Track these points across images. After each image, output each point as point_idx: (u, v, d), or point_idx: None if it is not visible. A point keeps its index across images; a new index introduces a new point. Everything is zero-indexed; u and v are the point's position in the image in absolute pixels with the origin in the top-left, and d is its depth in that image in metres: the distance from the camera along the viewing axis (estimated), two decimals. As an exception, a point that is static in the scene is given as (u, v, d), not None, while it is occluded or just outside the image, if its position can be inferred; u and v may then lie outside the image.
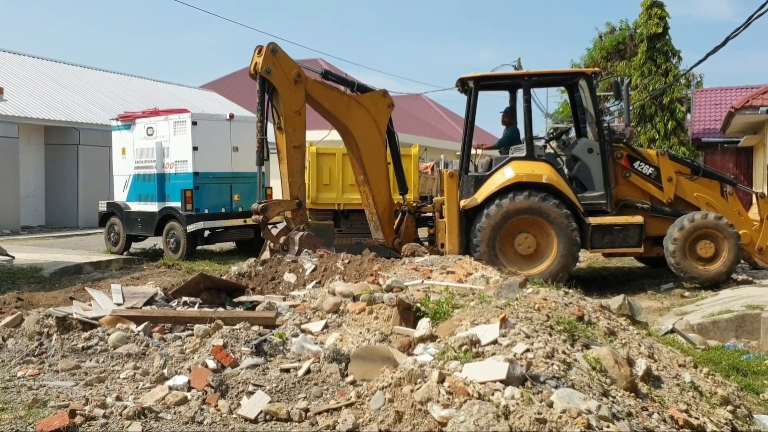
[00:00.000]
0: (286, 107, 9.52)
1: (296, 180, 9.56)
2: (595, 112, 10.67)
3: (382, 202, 10.70)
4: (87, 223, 21.15)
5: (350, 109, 10.31)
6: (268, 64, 9.49)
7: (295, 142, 9.56)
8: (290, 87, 9.60)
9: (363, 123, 10.40)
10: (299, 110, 9.64)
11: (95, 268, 12.65)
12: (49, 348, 5.51)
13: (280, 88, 9.52)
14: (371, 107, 10.47)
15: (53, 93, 24.32)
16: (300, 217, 9.50)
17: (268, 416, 3.86)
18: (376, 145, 10.56)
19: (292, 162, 9.53)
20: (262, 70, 9.45)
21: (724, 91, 29.88)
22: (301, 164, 9.72)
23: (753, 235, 10.53)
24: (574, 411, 3.14)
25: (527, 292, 5.59)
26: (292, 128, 9.53)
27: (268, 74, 9.47)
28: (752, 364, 6.17)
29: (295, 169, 9.57)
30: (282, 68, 9.61)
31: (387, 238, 10.86)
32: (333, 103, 10.23)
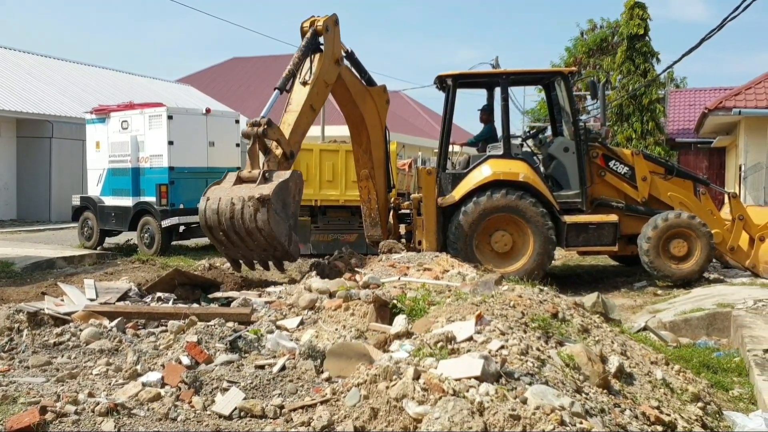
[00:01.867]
0: (321, 73, 9.15)
1: (297, 135, 8.90)
2: (572, 111, 10.75)
3: (383, 199, 10.69)
4: (60, 217, 20.86)
5: (366, 100, 10.21)
6: (329, 23, 9.24)
7: (314, 104, 9.13)
8: (331, 60, 9.35)
9: (373, 115, 10.34)
10: (329, 84, 9.39)
11: (68, 263, 12.50)
12: (20, 344, 5.43)
13: (326, 53, 9.21)
14: (378, 101, 10.44)
15: (26, 85, 23.93)
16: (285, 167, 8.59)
17: (243, 413, 3.84)
18: (380, 140, 10.53)
19: (302, 118, 8.94)
20: (322, 26, 9.15)
21: (699, 92, 30.28)
22: (307, 126, 9.18)
23: (725, 235, 10.68)
24: (547, 407, 3.17)
25: (503, 290, 5.63)
26: (317, 91, 9.15)
27: (327, 32, 9.18)
28: (722, 361, 6.27)
29: (301, 125, 8.97)
30: (336, 38, 9.42)
31: (384, 235, 10.80)
32: (357, 91, 10.04)
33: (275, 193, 7.65)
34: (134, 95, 22.66)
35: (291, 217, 7.95)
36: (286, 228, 7.77)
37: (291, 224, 7.91)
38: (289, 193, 7.92)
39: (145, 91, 29.03)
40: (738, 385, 5.67)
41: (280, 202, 7.78)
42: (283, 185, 7.80)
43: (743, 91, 17.72)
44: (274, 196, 7.64)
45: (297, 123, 8.83)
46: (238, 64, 44.69)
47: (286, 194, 7.89)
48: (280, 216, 7.73)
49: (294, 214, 8.09)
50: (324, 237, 13.55)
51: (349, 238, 13.21)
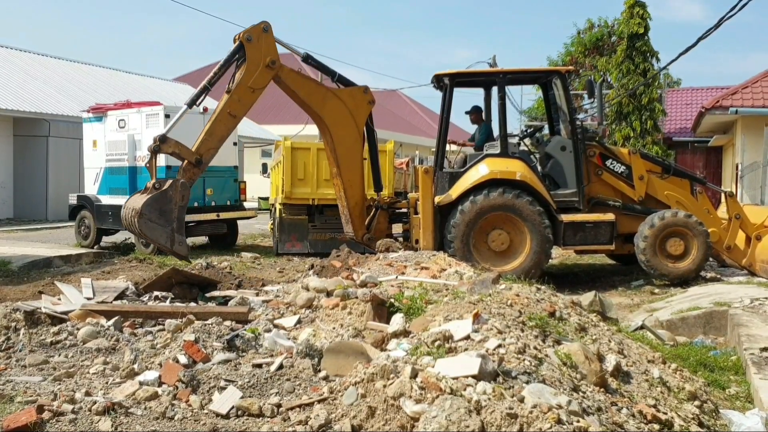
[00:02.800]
0: (244, 79, 9.59)
1: (210, 141, 9.48)
2: (569, 110, 10.76)
3: (353, 197, 10.69)
4: (57, 216, 20.82)
5: (326, 101, 10.29)
6: (251, 33, 9.59)
7: (233, 111, 9.62)
8: (259, 65, 9.66)
9: (339, 116, 10.37)
10: (255, 89, 9.71)
11: (65, 262, 12.48)
12: (17, 342, 5.43)
13: (250, 60, 9.59)
14: (349, 102, 10.44)
15: (23, 83, 23.87)
16: (190, 173, 9.32)
17: (240, 411, 3.84)
18: (351, 140, 10.53)
19: (218, 125, 9.52)
20: (243, 36, 9.57)
21: (696, 92, 30.35)
22: (224, 133, 9.67)
23: (721, 234, 10.69)
24: (544, 406, 3.17)
25: (500, 288, 5.63)
26: (238, 98, 9.59)
27: (248, 41, 9.56)
28: (719, 360, 6.28)
29: (217, 132, 9.53)
30: (261, 45, 9.67)
31: (356, 233, 10.87)
32: (308, 93, 10.23)
33: (146, 205, 8.73)
34: (131, 94, 22.62)
35: (172, 222, 8.85)
36: (165, 233, 8.69)
37: (173, 228, 8.82)
38: (168, 201, 8.85)
39: (143, 89, 28.99)
40: (735, 383, 5.68)
41: (156, 212, 8.78)
42: (158, 196, 8.81)
43: (740, 90, 17.77)
44: (146, 207, 8.71)
45: (211, 129, 9.48)
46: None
47: (164, 203, 8.85)
48: (157, 223, 8.68)
49: (177, 218, 8.94)
50: (321, 236, 13.56)
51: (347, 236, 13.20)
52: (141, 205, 8.68)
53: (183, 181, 9.03)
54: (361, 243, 10.87)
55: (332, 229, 13.32)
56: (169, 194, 8.79)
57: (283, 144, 13.98)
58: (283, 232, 13.78)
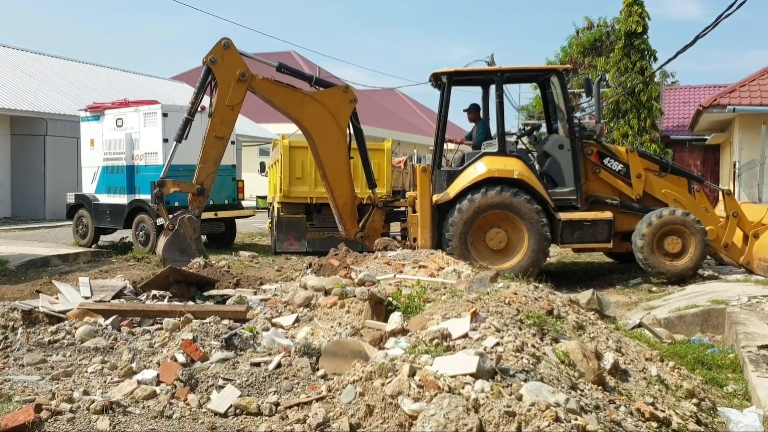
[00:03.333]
0: (220, 99, 9.86)
1: (206, 168, 9.91)
2: (567, 108, 10.76)
3: (342, 197, 10.76)
4: (54, 215, 20.79)
5: (304, 105, 10.38)
6: (215, 54, 9.86)
7: (219, 133, 9.93)
8: (230, 82, 9.89)
9: (319, 119, 10.44)
10: (233, 106, 9.98)
11: (63, 261, 12.46)
12: (15, 342, 5.42)
13: (220, 80, 9.85)
14: (329, 103, 10.49)
15: (20, 82, 23.83)
16: (197, 203, 9.88)
17: (238, 410, 3.84)
18: (334, 141, 10.59)
19: (209, 150, 9.89)
20: (207, 59, 9.85)
21: (693, 90, 30.36)
22: (217, 155, 10.01)
23: (719, 232, 10.71)
24: (542, 404, 3.17)
25: (498, 287, 5.63)
26: (219, 119, 9.88)
27: (213, 63, 9.84)
28: (717, 357, 6.28)
29: (209, 157, 9.91)
30: (227, 63, 9.92)
31: (348, 232, 10.94)
32: (284, 100, 10.40)
33: (166, 250, 9.28)
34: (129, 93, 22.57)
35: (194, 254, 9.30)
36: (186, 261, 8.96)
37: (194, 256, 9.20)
38: (183, 239, 9.40)
39: (140, 88, 28.94)
40: (732, 381, 5.68)
41: (177, 252, 9.31)
42: (172, 238, 9.37)
43: (738, 88, 17.78)
44: (166, 252, 9.27)
45: (205, 157, 9.96)
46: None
47: (180, 242, 9.40)
48: (181, 260, 9.01)
49: (198, 249, 9.50)
50: (319, 234, 13.59)
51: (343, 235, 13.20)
52: (161, 251, 9.27)
53: (188, 216, 9.52)
54: (355, 241, 10.91)
55: (330, 227, 13.25)
56: (181, 233, 9.34)
57: (281, 143, 13.99)
58: (281, 231, 13.79)
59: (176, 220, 9.55)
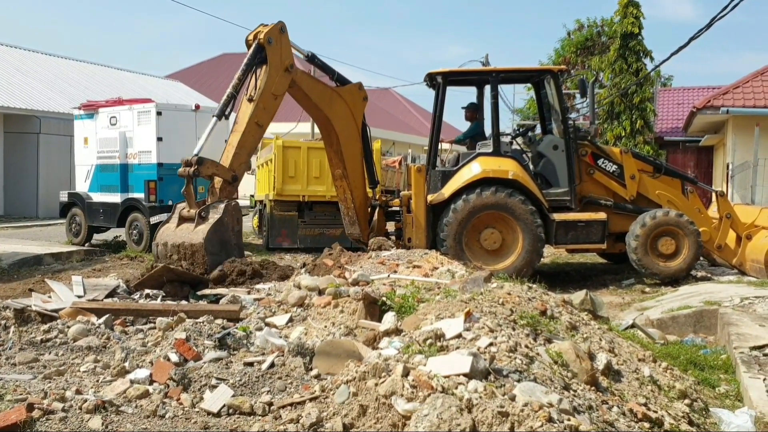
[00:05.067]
0: (267, 85, 9.17)
1: (242, 155, 8.96)
2: (561, 109, 10.78)
3: (359, 197, 10.65)
4: (47, 213, 20.72)
5: (333, 102, 10.16)
6: (272, 35, 9.19)
7: (260, 120, 9.14)
8: (280, 70, 9.31)
9: (343, 116, 10.29)
10: (278, 95, 9.36)
11: (56, 260, 12.42)
12: (7, 341, 5.40)
13: (272, 64, 9.18)
14: (349, 100, 10.37)
15: (13, 80, 23.74)
16: (228, 192, 8.75)
17: (231, 410, 3.84)
18: (354, 139, 10.49)
19: (248, 137, 9.03)
20: (264, 38, 9.11)
21: (687, 91, 30.45)
22: (254, 143, 9.30)
23: (712, 233, 10.75)
24: (535, 404, 3.18)
25: (492, 287, 5.63)
26: (263, 106, 9.14)
27: (269, 44, 9.14)
28: (709, 358, 6.31)
29: (247, 144, 9.05)
30: (281, 49, 9.32)
31: (363, 233, 10.80)
32: (319, 95, 10.04)
33: (209, 240, 7.92)
34: (123, 91, 22.53)
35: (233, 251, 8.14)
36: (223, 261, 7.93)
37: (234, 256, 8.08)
38: (226, 229, 8.13)
39: (134, 86, 28.88)
40: (724, 382, 5.70)
41: (218, 244, 8.02)
42: (217, 226, 8.03)
43: (731, 90, 17.84)
44: (209, 242, 7.91)
45: (241, 143, 8.91)
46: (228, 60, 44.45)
47: (223, 232, 8.10)
48: (218, 256, 7.95)
49: (237, 244, 8.26)
50: (310, 231, 14.06)
51: (335, 232, 13.69)
52: (203, 239, 7.87)
53: (235, 203, 8.41)
54: (367, 243, 10.81)
55: (321, 225, 13.95)
56: (225, 221, 8.14)
57: (275, 143, 14.22)
58: (273, 228, 14.16)
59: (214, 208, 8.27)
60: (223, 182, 8.68)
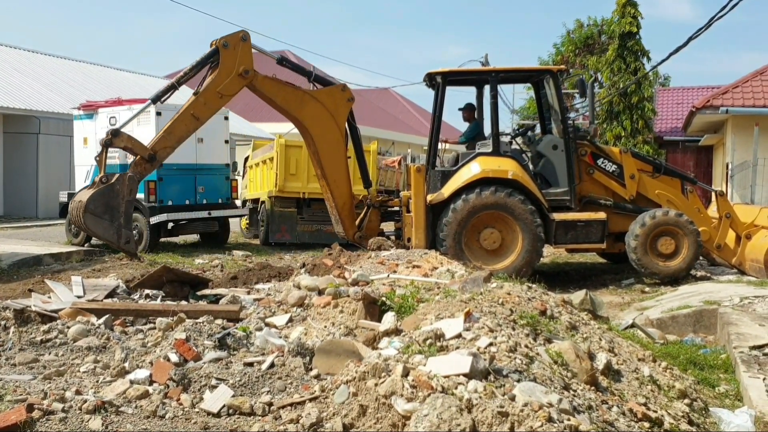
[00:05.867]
0: (214, 83, 9.49)
1: (168, 140, 9.33)
2: (561, 109, 10.78)
3: (341, 197, 10.67)
4: (47, 213, 20.71)
5: (304, 104, 10.22)
6: (229, 40, 9.53)
7: (197, 113, 9.49)
8: (231, 73, 9.57)
9: (318, 118, 10.32)
10: (224, 96, 9.63)
11: (55, 260, 12.40)
12: (7, 341, 5.40)
13: (222, 66, 9.50)
14: (328, 102, 10.38)
15: (12, 80, 23.71)
16: (142, 168, 9.22)
17: (231, 410, 3.84)
18: (333, 140, 10.50)
19: (179, 125, 9.39)
20: (220, 42, 9.50)
21: (686, 91, 30.47)
22: (183, 133, 9.55)
23: (712, 233, 10.75)
24: (535, 404, 3.18)
25: (491, 287, 5.64)
26: (204, 101, 9.48)
27: (224, 47, 9.49)
28: (709, 358, 6.31)
29: (176, 131, 9.39)
30: (237, 53, 9.59)
31: (347, 232, 10.86)
32: (285, 99, 10.16)
33: (92, 200, 8.43)
34: (122, 91, 22.53)
35: (119, 217, 8.60)
36: (112, 228, 8.41)
37: (120, 223, 8.54)
38: (115, 196, 8.57)
39: (134, 86, 28.86)
40: (724, 381, 5.71)
41: (102, 206, 8.51)
42: (105, 190, 8.55)
43: (731, 89, 17.85)
44: (91, 202, 8.43)
45: (171, 127, 9.37)
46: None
47: (111, 197, 8.58)
48: (102, 218, 8.42)
49: (124, 213, 8.69)
50: (308, 227, 14.67)
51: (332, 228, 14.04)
52: (87, 199, 8.45)
53: (131, 174, 8.84)
54: (353, 242, 10.86)
55: (318, 221, 14.50)
56: (116, 188, 8.60)
57: (277, 141, 14.72)
58: (273, 223, 14.79)
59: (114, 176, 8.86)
60: (140, 158, 9.15)
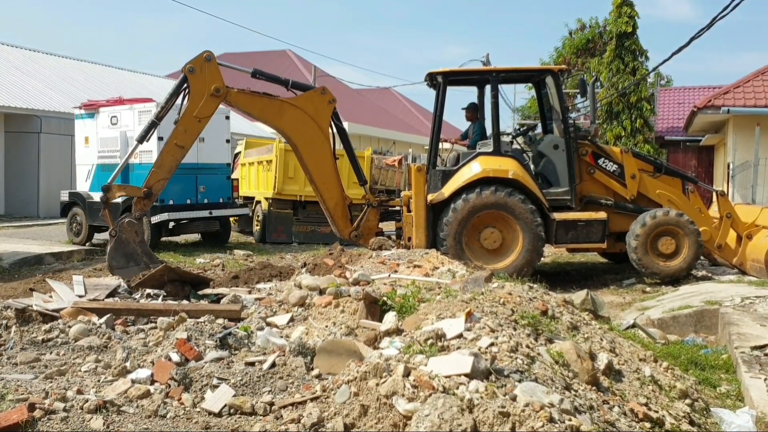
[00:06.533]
0: (189, 109, 9.63)
1: (159, 173, 9.45)
2: (561, 108, 10.78)
3: (331, 198, 10.68)
4: (48, 213, 20.72)
5: (282, 112, 10.27)
6: (194, 65, 9.66)
7: (180, 141, 9.58)
8: (204, 95, 9.69)
9: (299, 124, 10.35)
10: (201, 118, 9.72)
11: (56, 259, 12.43)
12: (8, 340, 5.40)
13: (194, 91, 9.65)
14: (308, 107, 10.39)
15: (14, 79, 23.72)
16: (141, 206, 9.34)
17: (233, 410, 3.84)
18: (317, 144, 10.50)
19: (167, 156, 9.50)
20: (186, 68, 9.66)
21: (688, 91, 30.44)
22: (173, 163, 9.63)
23: (713, 232, 10.75)
24: (537, 404, 3.18)
25: (492, 287, 5.64)
26: (184, 128, 9.60)
27: (191, 73, 9.63)
28: (710, 358, 6.31)
29: (165, 164, 9.51)
30: (204, 75, 9.74)
31: (341, 232, 10.87)
32: (262, 110, 10.24)
33: (111, 258, 8.64)
34: (123, 90, 22.51)
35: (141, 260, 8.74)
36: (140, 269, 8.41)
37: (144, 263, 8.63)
38: (127, 244, 8.77)
39: (135, 86, 28.87)
40: (725, 382, 5.71)
41: (122, 259, 8.70)
42: (116, 244, 8.72)
43: (732, 89, 17.84)
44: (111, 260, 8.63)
45: (160, 162, 9.51)
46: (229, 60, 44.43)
47: (124, 247, 8.74)
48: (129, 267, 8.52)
49: (143, 253, 8.83)
50: (303, 228, 15.54)
51: (326, 229, 14.73)
52: (108, 259, 8.74)
53: (129, 220, 9.00)
54: (349, 241, 10.88)
55: (313, 222, 15.40)
56: (123, 238, 8.78)
57: (276, 145, 15.25)
58: (270, 223, 15.53)
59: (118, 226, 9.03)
60: (137, 198, 9.37)
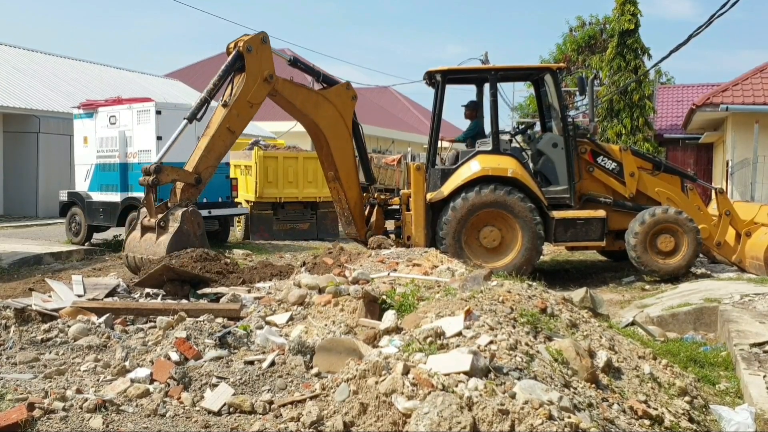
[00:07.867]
0: (243, 93, 9.16)
1: (209, 159, 8.88)
2: (560, 107, 10.78)
3: (353, 197, 10.61)
4: (47, 213, 20.71)
5: (318, 106, 10.10)
6: (253, 44, 9.22)
7: (232, 126, 9.09)
8: (258, 79, 9.30)
9: (331, 119, 10.23)
10: (254, 104, 9.34)
11: (55, 259, 12.42)
12: (7, 340, 5.40)
13: (249, 73, 9.18)
14: (337, 101, 10.30)
15: (12, 79, 23.70)
16: (189, 194, 8.72)
17: (232, 408, 3.84)
18: (344, 140, 10.43)
19: (217, 141, 8.97)
20: (244, 47, 9.13)
21: (687, 89, 30.44)
22: (223, 148, 9.16)
23: (712, 230, 10.75)
24: (536, 402, 3.18)
25: (492, 285, 5.63)
26: (237, 113, 9.11)
27: (248, 52, 9.15)
28: (709, 355, 6.31)
29: (216, 148, 8.97)
30: (261, 57, 9.31)
31: (359, 232, 10.82)
32: (303, 101, 10.01)
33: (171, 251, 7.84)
34: (122, 90, 22.50)
35: None
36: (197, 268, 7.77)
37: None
38: (188, 236, 8.06)
39: (133, 85, 28.84)
40: (724, 379, 5.71)
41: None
42: (177, 237, 7.96)
43: (731, 87, 17.84)
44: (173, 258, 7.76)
45: (209, 146, 8.87)
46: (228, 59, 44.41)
47: (184, 241, 8.00)
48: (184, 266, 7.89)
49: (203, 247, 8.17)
50: (283, 226, 16.35)
51: (303, 226, 16.34)
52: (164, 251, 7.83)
53: (192, 209, 8.35)
54: (364, 242, 10.81)
55: (291, 220, 16.46)
56: (185, 229, 8.13)
57: (256, 154, 16.21)
58: (253, 224, 16.37)
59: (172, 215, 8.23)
60: (185, 184, 8.71)
